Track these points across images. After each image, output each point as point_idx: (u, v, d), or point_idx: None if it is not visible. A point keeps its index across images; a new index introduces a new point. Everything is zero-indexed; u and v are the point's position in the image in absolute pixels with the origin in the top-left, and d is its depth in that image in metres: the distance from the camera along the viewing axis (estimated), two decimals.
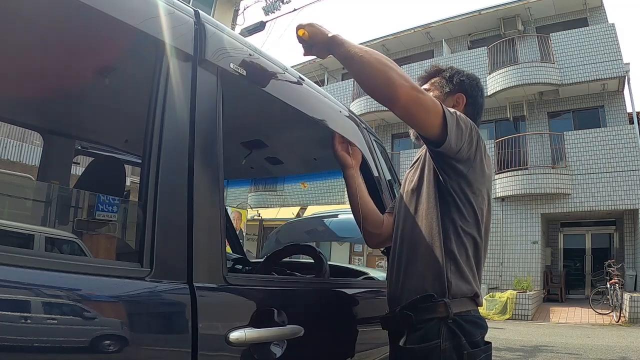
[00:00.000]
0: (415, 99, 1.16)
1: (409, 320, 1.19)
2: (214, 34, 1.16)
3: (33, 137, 2.03)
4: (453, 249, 1.22)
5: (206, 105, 1.10)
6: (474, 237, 1.25)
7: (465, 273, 1.22)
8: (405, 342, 1.18)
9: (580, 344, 7.13)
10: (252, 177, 3.02)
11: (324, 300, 1.44)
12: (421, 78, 1.49)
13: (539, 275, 12.07)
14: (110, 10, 0.92)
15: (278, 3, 10.67)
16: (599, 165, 11.55)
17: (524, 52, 13.31)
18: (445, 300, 1.17)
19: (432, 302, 1.18)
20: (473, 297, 1.23)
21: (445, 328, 1.15)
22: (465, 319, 1.18)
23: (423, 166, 1.34)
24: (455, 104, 1.41)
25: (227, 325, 1.00)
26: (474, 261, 1.25)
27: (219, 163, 1.10)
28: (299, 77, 1.48)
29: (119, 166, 1.80)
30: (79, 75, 1.39)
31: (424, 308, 1.18)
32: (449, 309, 1.16)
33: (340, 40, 1.21)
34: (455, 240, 1.22)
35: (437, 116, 1.18)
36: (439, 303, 1.17)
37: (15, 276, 0.72)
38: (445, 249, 1.22)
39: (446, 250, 1.21)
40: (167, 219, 0.96)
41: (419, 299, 1.20)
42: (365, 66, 1.17)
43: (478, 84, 1.47)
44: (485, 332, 1.23)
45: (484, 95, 1.49)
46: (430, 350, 1.14)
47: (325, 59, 1.41)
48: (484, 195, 1.28)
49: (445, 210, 1.24)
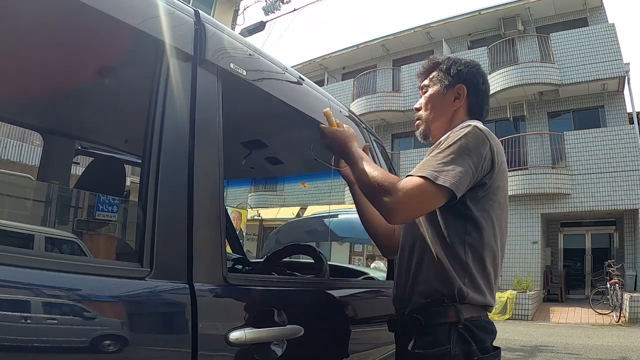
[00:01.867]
0: (408, 199, 1.11)
1: (418, 324, 1.16)
2: (214, 34, 1.16)
3: (33, 137, 2.04)
4: (468, 261, 1.16)
5: (206, 105, 1.10)
6: (492, 246, 1.19)
7: (480, 285, 1.17)
8: (414, 346, 1.15)
9: (580, 344, 7.13)
10: (252, 177, 3.03)
11: (324, 300, 1.44)
12: (420, 74, 1.44)
13: (539, 275, 12.07)
14: (110, 10, 0.92)
15: (278, 3, 10.66)
16: (599, 165, 11.54)
17: (524, 52, 13.31)
18: (456, 305, 1.14)
19: (443, 306, 1.14)
20: (485, 305, 1.19)
21: (455, 333, 1.12)
22: (475, 324, 1.15)
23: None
24: (457, 96, 1.35)
25: (227, 325, 1.00)
26: (492, 271, 1.20)
27: (219, 163, 1.10)
28: (299, 77, 1.49)
29: (119, 166, 1.80)
30: (79, 75, 1.39)
31: (434, 312, 1.15)
32: (459, 314, 1.13)
33: (354, 159, 1.26)
34: (470, 252, 1.17)
35: (439, 189, 1.10)
36: (450, 307, 1.14)
37: (15, 276, 0.72)
38: (459, 259, 1.16)
39: (459, 261, 1.16)
40: (167, 219, 0.96)
41: (429, 302, 1.16)
42: (363, 188, 1.22)
43: (478, 70, 1.39)
44: (495, 337, 1.20)
45: (486, 81, 1.41)
46: (440, 355, 1.11)
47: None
48: (500, 200, 1.22)
49: (460, 219, 1.18)
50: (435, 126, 1.37)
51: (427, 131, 1.39)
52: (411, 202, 1.11)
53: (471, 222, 1.17)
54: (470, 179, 1.13)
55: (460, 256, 1.16)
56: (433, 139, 1.36)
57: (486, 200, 1.19)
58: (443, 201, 1.12)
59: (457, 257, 1.17)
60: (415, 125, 1.45)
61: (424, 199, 1.11)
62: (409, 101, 15.06)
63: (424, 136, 1.40)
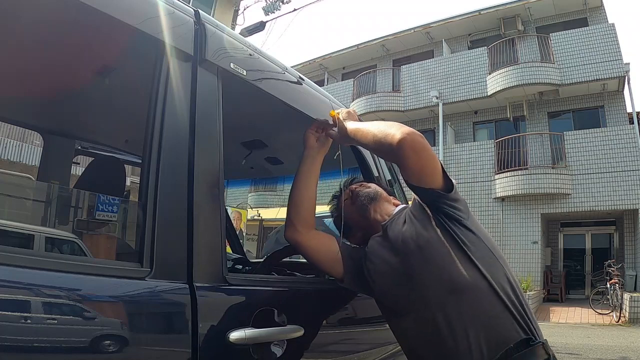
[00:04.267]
0: (414, 133, 1.10)
1: None
2: (214, 34, 1.16)
3: (33, 137, 2.03)
4: (515, 290, 1.13)
5: (206, 105, 1.10)
6: (508, 277, 1.15)
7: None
8: None
9: (580, 344, 7.13)
10: (252, 177, 3.03)
11: (324, 300, 1.44)
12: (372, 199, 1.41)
13: (539, 275, 12.06)
14: (110, 10, 0.92)
15: (278, 3, 10.66)
16: (599, 165, 11.54)
17: (524, 52, 13.30)
18: (542, 341, 1.06)
19: (531, 345, 1.05)
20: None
21: None
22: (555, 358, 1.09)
23: (415, 222, 1.21)
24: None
25: (227, 325, 1.00)
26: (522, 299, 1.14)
27: (219, 163, 1.10)
28: (298, 77, 1.48)
29: (119, 166, 1.80)
30: (79, 75, 1.39)
31: (521, 356, 1.04)
32: (547, 349, 1.06)
33: (354, 130, 1.26)
34: (509, 283, 1.13)
35: (437, 163, 1.14)
36: (538, 345, 1.05)
37: (15, 276, 0.72)
38: (504, 292, 1.10)
39: (506, 294, 1.10)
40: (167, 219, 0.96)
41: (512, 348, 1.04)
42: (372, 129, 1.20)
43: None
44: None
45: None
46: None
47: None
48: (482, 235, 1.20)
49: (463, 253, 1.13)
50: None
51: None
52: (420, 137, 1.11)
53: (478, 257, 1.16)
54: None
55: (505, 290, 1.13)
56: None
57: (474, 232, 1.19)
58: (440, 178, 1.15)
59: (504, 292, 1.12)
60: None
61: (429, 148, 1.13)
62: (409, 101, 15.06)
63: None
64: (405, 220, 1.25)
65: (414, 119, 15.35)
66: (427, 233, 1.17)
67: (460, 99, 14.20)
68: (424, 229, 1.18)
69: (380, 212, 1.37)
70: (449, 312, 1.09)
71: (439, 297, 1.11)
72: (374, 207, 1.37)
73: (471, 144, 13.77)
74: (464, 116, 14.88)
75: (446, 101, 14.23)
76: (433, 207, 1.18)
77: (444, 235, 1.15)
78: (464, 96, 14.12)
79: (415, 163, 1.11)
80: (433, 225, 1.17)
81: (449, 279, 1.11)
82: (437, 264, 1.13)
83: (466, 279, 1.10)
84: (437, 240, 1.15)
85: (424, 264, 1.15)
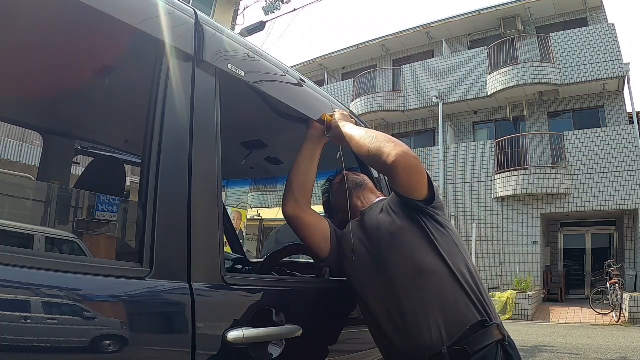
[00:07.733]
0: (407, 155, 1.19)
1: (465, 355, 1.10)
2: (214, 34, 1.16)
3: (33, 137, 2.03)
4: (474, 277, 1.21)
5: (204, 106, 1.10)
6: (467, 266, 1.24)
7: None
8: None
9: (580, 344, 7.13)
10: (252, 177, 3.03)
11: (323, 300, 1.44)
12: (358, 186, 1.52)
13: (539, 275, 12.06)
14: (110, 10, 0.92)
15: (278, 3, 10.65)
16: (599, 165, 11.53)
17: (524, 52, 13.30)
18: (497, 323, 1.13)
19: (486, 326, 1.13)
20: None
21: (501, 351, 1.11)
22: (510, 341, 1.16)
23: (390, 213, 1.31)
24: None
25: (226, 325, 1.01)
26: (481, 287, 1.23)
27: (218, 163, 1.10)
28: (299, 79, 1.49)
29: (119, 166, 1.80)
30: (79, 75, 1.39)
31: (478, 337, 1.11)
32: (502, 330, 1.13)
33: (348, 137, 1.35)
34: (468, 271, 1.22)
35: (425, 178, 1.24)
36: (493, 326, 1.13)
37: (15, 276, 0.72)
38: (464, 278, 1.19)
39: (465, 280, 1.19)
40: (167, 219, 0.96)
41: (469, 329, 1.12)
42: (365, 140, 1.28)
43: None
44: None
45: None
46: None
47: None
48: (452, 232, 1.30)
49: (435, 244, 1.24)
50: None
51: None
52: (409, 153, 1.20)
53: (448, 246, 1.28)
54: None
55: (464, 275, 1.22)
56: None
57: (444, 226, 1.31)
58: (425, 190, 1.24)
59: (463, 277, 1.22)
60: None
61: (418, 163, 1.22)
62: (409, 101, 15.06)
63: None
64: (382, 209, 1.35)
65: (414, 118, 15.36)
66: (400, 222, 1.27)
67: (460, 99, 14.20)
68: (398, 218, 1.28)
69: (362, 199, 1.47)
70: (412, 295, 1.18)
71: (404, 281, 1.20)
72: (357, 193, 1.48)
73: (471, 144, 13.77)
74: (464, 116, 14.88)
75: (446, 101, 14.23)
76: (412, 209, 1.28)
77: (414, 225, 1.25)
78: (464, 96, 14.12)
79: (406, 182, 1.22)
80: (406, 217, 1.27)
81: (412, 263, 1.21)
82: (404, 249, 1.23)
83: (429, 263, 1.20)
84: (407, 229, 1.25)
85: (392, 249, 1.25)
